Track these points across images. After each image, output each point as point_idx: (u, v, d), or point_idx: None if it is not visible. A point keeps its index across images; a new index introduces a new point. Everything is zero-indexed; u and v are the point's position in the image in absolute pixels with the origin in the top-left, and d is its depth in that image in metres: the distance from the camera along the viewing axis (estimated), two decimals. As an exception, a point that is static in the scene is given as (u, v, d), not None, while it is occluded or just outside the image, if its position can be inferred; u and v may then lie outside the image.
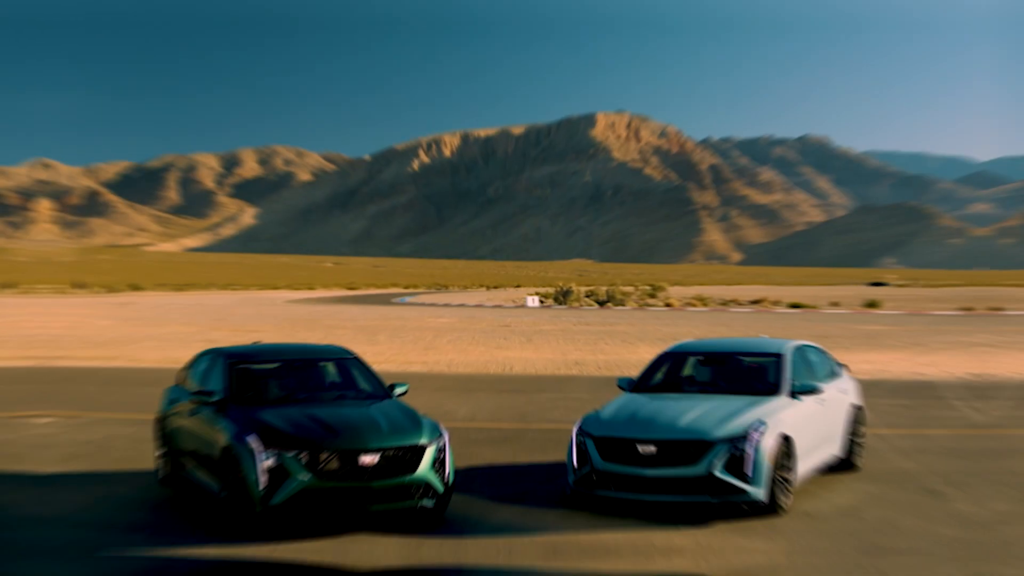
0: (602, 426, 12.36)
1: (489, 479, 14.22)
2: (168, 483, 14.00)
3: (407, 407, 12.43)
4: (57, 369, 31.70)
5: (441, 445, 11.74)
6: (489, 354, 36.87)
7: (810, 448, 13.02)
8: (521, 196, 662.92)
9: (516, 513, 12.22)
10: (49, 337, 46.81)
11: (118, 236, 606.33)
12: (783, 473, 12.07)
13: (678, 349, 14.59)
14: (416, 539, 11.08)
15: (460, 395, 24.45)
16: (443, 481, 11.61)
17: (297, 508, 10.97)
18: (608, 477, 12.03)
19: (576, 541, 10.96)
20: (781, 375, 13.23)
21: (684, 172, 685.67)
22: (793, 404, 12.83)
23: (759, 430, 11.79)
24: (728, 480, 11.59)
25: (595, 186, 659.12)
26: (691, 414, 12.17)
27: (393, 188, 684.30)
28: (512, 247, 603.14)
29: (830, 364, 14.94)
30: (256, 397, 12.66)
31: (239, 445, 11.27)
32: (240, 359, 13.15)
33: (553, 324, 58.75)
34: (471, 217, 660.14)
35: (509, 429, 18.99)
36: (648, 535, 11.14)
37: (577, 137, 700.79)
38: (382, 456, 11.22)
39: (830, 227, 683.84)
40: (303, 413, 11.80)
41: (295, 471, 10.99)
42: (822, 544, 10.79)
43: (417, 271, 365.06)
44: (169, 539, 11.18)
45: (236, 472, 11.24)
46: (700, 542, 10.87)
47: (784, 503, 12.05)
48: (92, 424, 19.90)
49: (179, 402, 13.71)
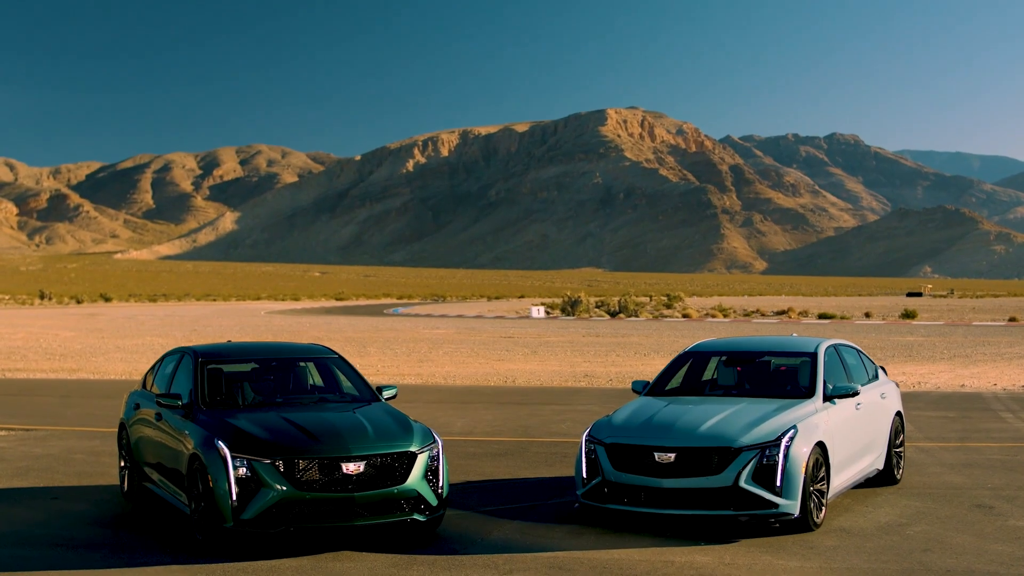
0: (614, 432, 12.03)
1: (487, 494, 13.91)
2: (132, 498, 13.70)
3: (396, 411, 12.12)
4: (13, 381, 31.47)
5: (434, 453, 11.42)
6: (489, 366, 36.56)
7: (847, 458, 12.69)
8: (525, 199, 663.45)
9: (518, 529, 11.91)
10: (7, 349, 46.60)
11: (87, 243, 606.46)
12: (817, 485, 11.74)
13: (699, 348, 14.26)
14: (406, 556, 10.76)
15: (456, 407, 24.15)
16: (436, 493, 11.28)
17: (272, 522, 10.64)
18: (621, 489, 11.70)
19: (585, 559, 10.63)
20: (814, 376, 12.89)
21: (702, 173, 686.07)
22: (828, 409, 12.49)
23: (791, 436, 11.46)
24: (756, 492, 11.25)
25: (606, 188, 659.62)
26: (714, 419, 11.84)
27: (386, 191, 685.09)
28: (516, 255, 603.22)
29: (868, 366, 14.60)
30: (228, 401, 12.36)
31: (207, 452, 10.95)
32: (211, 358, 12.84)
33: (560, 335, 58.41)
34: (471, 222, 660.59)
35: (510, 442, 18.69)
36: (666, 552, 10.82)
37: (586, 135, 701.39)
38: (368, 464, 10.90)
39: (862, 233, 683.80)
40: (280, 417, 11.50)
41: (270, 481, 10.66)
42: (863, 563, 10.45)
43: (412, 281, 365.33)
44: (129, 558, 10.86)
45: (204, 482, 10.92)
46: (725, 559, 10.54)
47: (817, 518, 11.72)
48: (49, 437, 19.62)
49: (143, 408, 13.41)
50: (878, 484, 14.27)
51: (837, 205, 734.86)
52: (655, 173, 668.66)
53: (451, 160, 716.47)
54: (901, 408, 14.91)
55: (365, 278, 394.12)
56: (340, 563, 10.53)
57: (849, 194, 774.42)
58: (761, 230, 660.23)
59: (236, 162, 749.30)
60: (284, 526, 10.65)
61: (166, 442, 12.31)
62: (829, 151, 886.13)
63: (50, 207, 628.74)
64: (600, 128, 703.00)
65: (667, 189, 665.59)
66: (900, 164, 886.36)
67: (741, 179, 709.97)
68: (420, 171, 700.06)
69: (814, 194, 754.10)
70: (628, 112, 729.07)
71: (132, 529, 12.18)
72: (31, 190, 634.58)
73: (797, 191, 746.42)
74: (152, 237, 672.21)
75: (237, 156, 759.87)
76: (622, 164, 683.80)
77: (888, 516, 12.48)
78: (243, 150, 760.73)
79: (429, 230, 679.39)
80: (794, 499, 11.32)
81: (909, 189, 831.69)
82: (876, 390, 14.15)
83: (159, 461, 12.61)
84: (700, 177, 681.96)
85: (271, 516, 10.64)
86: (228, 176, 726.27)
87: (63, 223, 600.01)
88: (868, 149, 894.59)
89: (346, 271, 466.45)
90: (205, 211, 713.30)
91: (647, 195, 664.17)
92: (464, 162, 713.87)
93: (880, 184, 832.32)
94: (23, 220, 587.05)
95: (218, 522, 10.75)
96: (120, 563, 10.65)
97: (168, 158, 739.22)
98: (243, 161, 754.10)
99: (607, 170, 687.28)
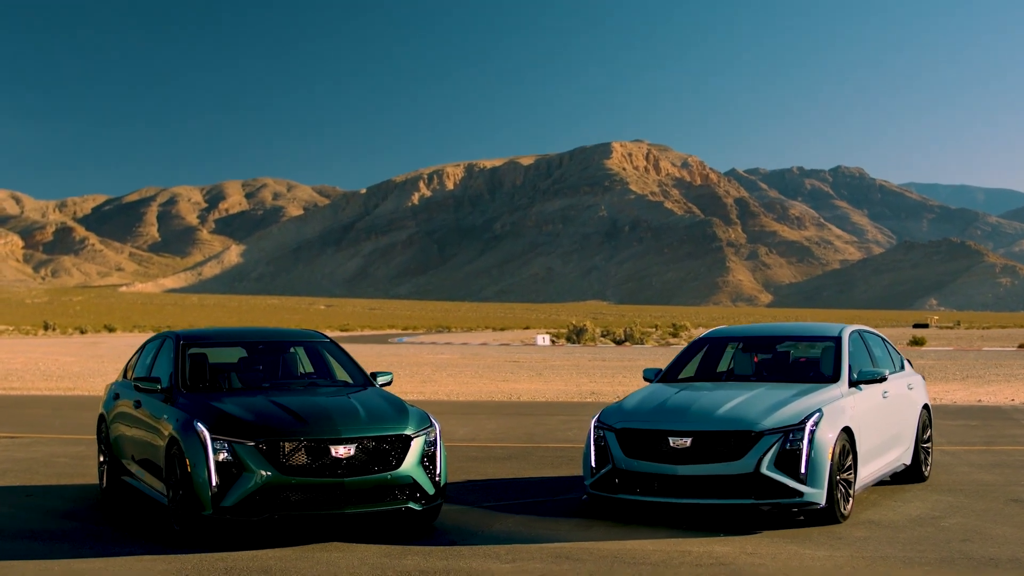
0: (626, 417, 11.19)
1: (489, 491, 13.08)
2: (111, 494, 12.87)
3: (391, 395, 11.29)
4: (6, 397, 30.78)
5: (431, 438, 10.60)
6: (494, 386, 35.75)
7: (873, 448, 11.83)
8: (530, 232, 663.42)
9: (521, 523, 11.08)
10: (4, 371, 45.86)
11: (92, 276, 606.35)
12: (844, 474, 10.89)
13: (716, 334, 13.44)
14: (399, 547, 9.92)
15: (459, 417, 23.32)
16: (433, 481, 10.45)
17: (255, 510, 9.81)
18: (632, 477, 10.84)
19: (595, 549, 9.79)
20: (839, 361, 12.03)
21: (708, 206, 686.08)
22: (854, 394, 11.65)
23: (816, 420, 10.62)
24: (779, 479, 10.39)
25: (611, 221, 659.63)
26: (733, 401, 11.00)
27: (391, 224, 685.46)
28: (521, 288, 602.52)
29: (894, 356, 13.74)
30: (212, 386, 11.55)
31: (186, 435, 10.13)
32: (194, 341, 12.04)
33: (565, 360, 57.56)
34: (476, 255, 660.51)
35: (514, 448, 17.83)
36: (681, 543, 9.97)
37: (591, 168, 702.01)
38: (359, 447, 10.06)
39: (867, 265, 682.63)
40: (267, 400, 10.67)
41: (253, 465, 9.83)
42: (898, 552, 9.59)
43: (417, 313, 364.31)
44: (98, 548, 10.04)
45: (182, 468, 10.10)
46: (746, 549, 9.69)
47: (845, 510, 10.87)
48: (35, 444, 18.86)
49: (123, 398, 12.59)
50: (904, 481, 13.42)
51: (842, 238, 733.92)
52: (660, 206, 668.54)
53: (456, 193, 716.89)
54: (928, 401, 14.05)
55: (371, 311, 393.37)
56: (328, 553, 9.70)
57: (854, 227, 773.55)
58: (766, 263, 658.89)
59: (242, 195, 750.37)
60: (268, 514, 9.82)
61: (145, 430, 11.50)
62: (834, 184, 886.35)
63: (56, 240, 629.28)
64: (605, 161, 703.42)
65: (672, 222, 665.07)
66: (905, 197, 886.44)
67: (746, 212, 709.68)
68: (425, 204, 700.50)
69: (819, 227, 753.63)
70: (633, 145, 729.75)
71: (106, 523, 11.38)
72: (37, 223, 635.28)
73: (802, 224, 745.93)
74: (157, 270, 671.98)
75: (243, 189, 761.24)
76: (627, 197, 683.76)
77: (919, 510, 11.63)
78: (249, 183, 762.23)
79: (434, 263, 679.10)
80: (820, 487, 10.47)
81: (914, 222, 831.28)
82: (903, 380, 13.32)
83: (137, 452, 11.80)
84: (705, 210, 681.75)
85: (254, 503, 9.81)
86: (234, 209, 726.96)
87: (69, 256, 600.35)
88: (873, 182, 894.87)
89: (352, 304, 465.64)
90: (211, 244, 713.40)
91: (652, 228, 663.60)
92: (469, 195, 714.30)
93: (885, 217, 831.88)
94: (29, 253, 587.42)
95: (196, 510, 9.93)
96: (89, 553, 9.84)
97: (174, 191, 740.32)
98: (249, 194, 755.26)
99: (612, 203, 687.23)
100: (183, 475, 10.07)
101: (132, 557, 9.66)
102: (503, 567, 9.17)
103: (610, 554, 9.57)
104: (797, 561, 9.26)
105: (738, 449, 10.46)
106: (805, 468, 10.40)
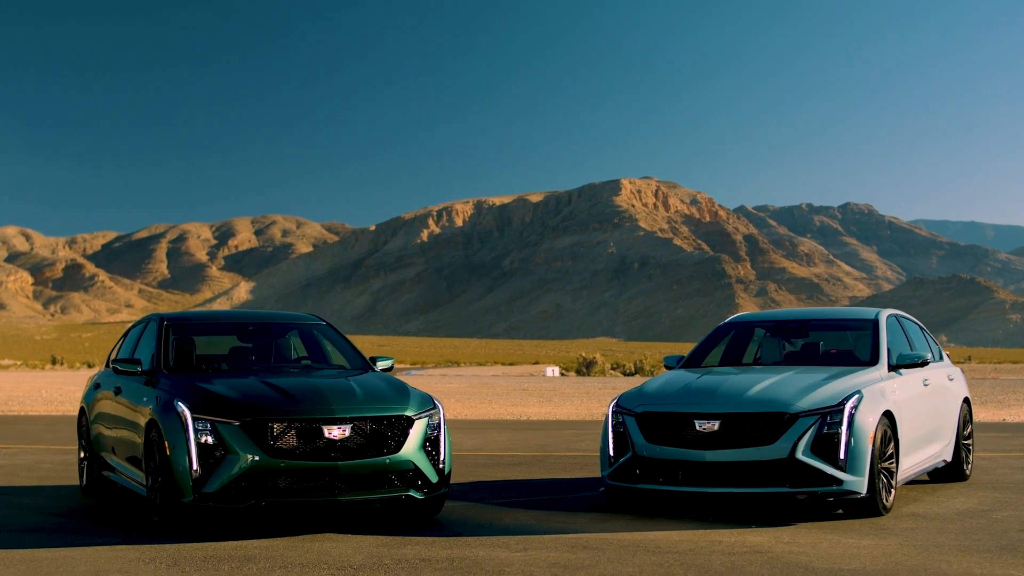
0: (647, 400, 10.25)
1: (499, 490, 12.14)
2: (91, 492, 11.97)
3: (392, 378, 10.38)
4: (4, 416, 29.98)
5: (435, 421, 9.67)
6: (503, 409, 34.77)
7: (916, 439, 10.88)
8: (539, 269, 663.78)
9: (534, 517, 10.15)
10: (6, 397, 45.04)
11: (101, 312, 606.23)
12: (885, 463, 9.94)
13: (742, 319, 12.50)
14: (399, 538, 9.00)
15: (467, 431, 22.42)
16: (437, 468, 9.52)
17: (240, 496, 8.90)
18: (655, 465, 9.89)
19: (615, 539, 8.86)
20: (877, 344, 11.08)
21: (717, 243, 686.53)
22: (894, 378, 10.72)
23: (855, 402, 9.68)
24: (816, 465, 9.44)
25: (620, 258, 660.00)
26: (765, 382, 10.08)
27: (400, 261, 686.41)
28: (530, 324, 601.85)
29: (932, 345, 12.78)
30: (198, 369, 10.63)
31: (165, 416, 9.23)
32: (178, 321, 11.14)
33: (575, 388, 56.58)
34: (485, 292, 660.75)
35: (526, 456, 16.86)
36: (710, 534, 9.04)
37: (600, 205, 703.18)
38: (355, 429, 9.14)
39: (877, 302, 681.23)
40: (258, 381, 9.75)
41: (238, 447, 8.92)
42: (952, 541, 8.64)
43: (426, 349, 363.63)
44: (68, 539, 9.15)
45: (161, 452, 9.19)
46: (783, 539, 8.75)
47: (887, 501, 9.93)
48: (23, 453, 18.01)
49: (104, 387, 11.70)
50: (944, 479, 12.46)
51: (852, 274, 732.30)
52: (669, 243, 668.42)
53: (465, 230, 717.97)
54: (968, 395, 13.08)
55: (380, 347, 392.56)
56: (319, 544, 8.78)
57: (863, 263, 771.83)
58: (776, 299, 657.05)
59: (251, 232, 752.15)
60: (254, 500, 8.90)
61: (124, 418, 10.58)
62: (843, 220, 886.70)
63: (65, 277, 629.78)
64: (614, 198, 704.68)
65: (681, 259, 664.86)
66: (914, 233, 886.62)
67: (755, 249, 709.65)
68: (434, 241, 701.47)
69: (828, 263, 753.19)
70: (642, 182, 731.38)
71: (82, 518, 10.49)
72: (47, 260, 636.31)
73: (811, 261, 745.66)
74: (167, 307, 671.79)
75: (252, 226, 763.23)
76: (636, 234, 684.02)
77: (965, 504, 10.69)
78: (258, 220, 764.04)
79: (443, 300, 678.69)
80: (860, 475, 9.52)
81: (924, 258, 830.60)
82: (943, 371, 12.37)
83: (118, 443, 10.88)
84: (714, 247, 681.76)
85: (239, 489, 8.89)
86: (243, 246, 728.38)
87: (78, 292, 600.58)
88: (882, 218, 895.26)
89: (361, 340, 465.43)
90: (220, 281, 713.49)
91: (661, 265, 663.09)
92: (478, 232, 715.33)
93: (894, 253, 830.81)
94: (38, 290, 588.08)
95: (176, 497, 9.01)
96: (58, 543, 8.95)
97: (183, 228, 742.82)
98: (258, 231, 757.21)
99: (621, 240, 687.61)
100: (162, 460, 9.17)
101: (103, 547, 8.76)
102: (513, 556, 8.23)
103: (632, 543, 8.65)
104: (841, 549, 8.32)
105: (771, 433, 9.53)
106: (844, 454, 9.47)
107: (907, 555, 8.09)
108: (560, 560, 8.04)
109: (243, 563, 8.05)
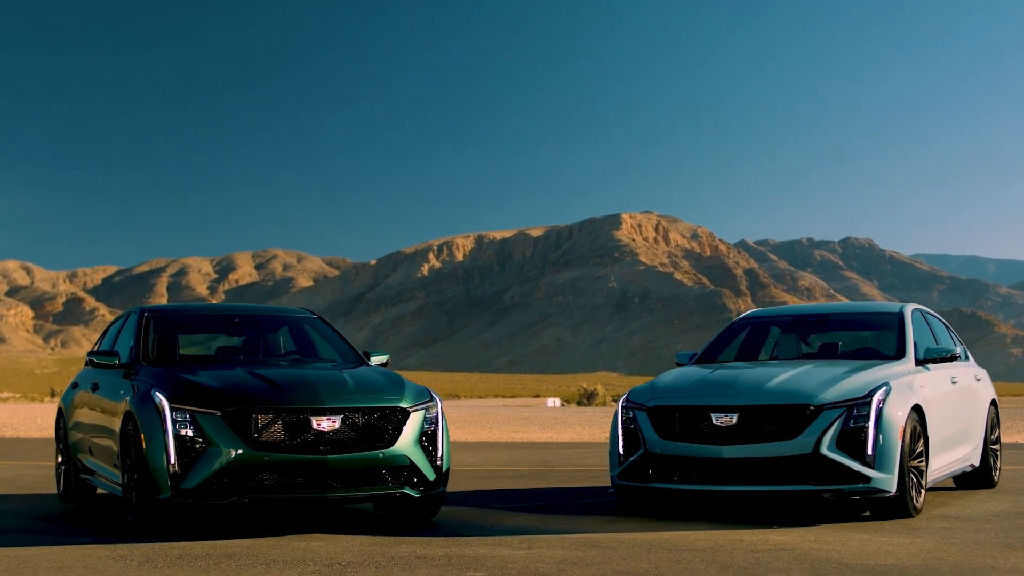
0: (659, 394, 9.57)
1: (502, 497, 11.49)
2: (69, 498, 11.29)
3: (387, 371, 9.72)
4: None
5: (432, 414, 9.00)
6: (504, 435, 34.10)
7: (945, 439, 10.21)
8: (540, 303, 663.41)
9: (539, 519, 9.48)
10: (2, 424, 44.46)
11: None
12: (915, 461, 9.26)
13: (758, 315, 11.84)
14: (392, 537, 8.33)
15: (467, 450, 21.74)
16: (434, 465, 8.84)
17: (221, 492, 8.22)
18: (668, 463, 9.20)
19: (626, 539, 8.18)
20: (903, 337, 10.41)
21: (717, 277, 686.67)
22: (922, 373, 10.06)
23: (883, 395, 9.01)
24: (842, 461, 8.74)
25: (621, 292, 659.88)
26: (786, 374, 9.41)
27: (401, 295, 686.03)
28: (531, 359, 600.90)
29: (958, 344, 12.11)
30: (180, 363, 9.97)
31: (142, 407, 8.57)
32: (159, 313, 10.48)
33: (577, 416, 55.82)
34: (486, 326, 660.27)
35: (528, 471, 16.15)
36: (729, 533, 8.36)
37: (601, 239, 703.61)
38: (346, 421, 8.47)
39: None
40: (244, 372, 9.08)
41: (219, 440, 8.25)
42: (994, 539, 7.98)
43: (426, 382, 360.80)
44: (38, 539, 8.48)
45: (137, 446, 8.52)
46: (808, 538, 8.07)
47: (917, 501, 9.25)
48: (6, 468, 17.36)
49: (83, 386, 11.02)
50: (971, 485, 11.77)
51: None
52: (670, 277, 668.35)
53: (466, 264, 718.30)
54: (996, 397, 12.40)
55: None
56: (306, 542, 8.11)
57: (864, 298, 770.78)
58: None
59: (252, 266, 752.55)
60: (236, 497, 8.22)
61: (101, 415, 9.91)
62: (844, 255, 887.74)
63: (66, 310, 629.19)
64: (615, 232, 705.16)
65: (682, 293, 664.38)
66: (915, 268, 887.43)
67: (756, 283, 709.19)
68: (435, 275, 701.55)
69: (829, 298, 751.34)
70: (643, 216, 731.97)
71: (55, 521, 9.84)
72: (47, 293, 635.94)
73: (812, 295, 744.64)
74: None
75: (253, 260, 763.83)
76: (637, 268, 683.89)
77: (1000, 507, 10.01)
78: (259, 254, 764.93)
79: (444, 334, 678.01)
80: (890, 472, 8.83)
81: (924, 292, 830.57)
82: (970, 370, 11.70)
83: (95, 443, 10.20)
84: (715, 281, 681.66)
85: (220, 485, 8.21)
86: (244, 280, 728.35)
87: (78, 326, 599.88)
88: (883, 253, 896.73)
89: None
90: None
91: (662, 299, 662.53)
92: (479, 266, 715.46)
93: (895, 288, 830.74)
94: (39, 323, 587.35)
95: (152, 493, 8.33)
96: (23, 543, 8.28)
97: (184, 262, 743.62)
98: (259, 265, 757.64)
99: (622, 274, 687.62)
100: (138, 455, 8.50)
101: (71, 546, 8.09)
102: (517, 553, 7.56)
103: (645, 543, 7.97)
104: (873, 547, 7.64)
105: (793, 426, 8.85)
106: (872, 449, 8.78)
107: (947, 552, 7.42)
108: (568, 557, 7.38)
109: (220, 560, 7.38)
